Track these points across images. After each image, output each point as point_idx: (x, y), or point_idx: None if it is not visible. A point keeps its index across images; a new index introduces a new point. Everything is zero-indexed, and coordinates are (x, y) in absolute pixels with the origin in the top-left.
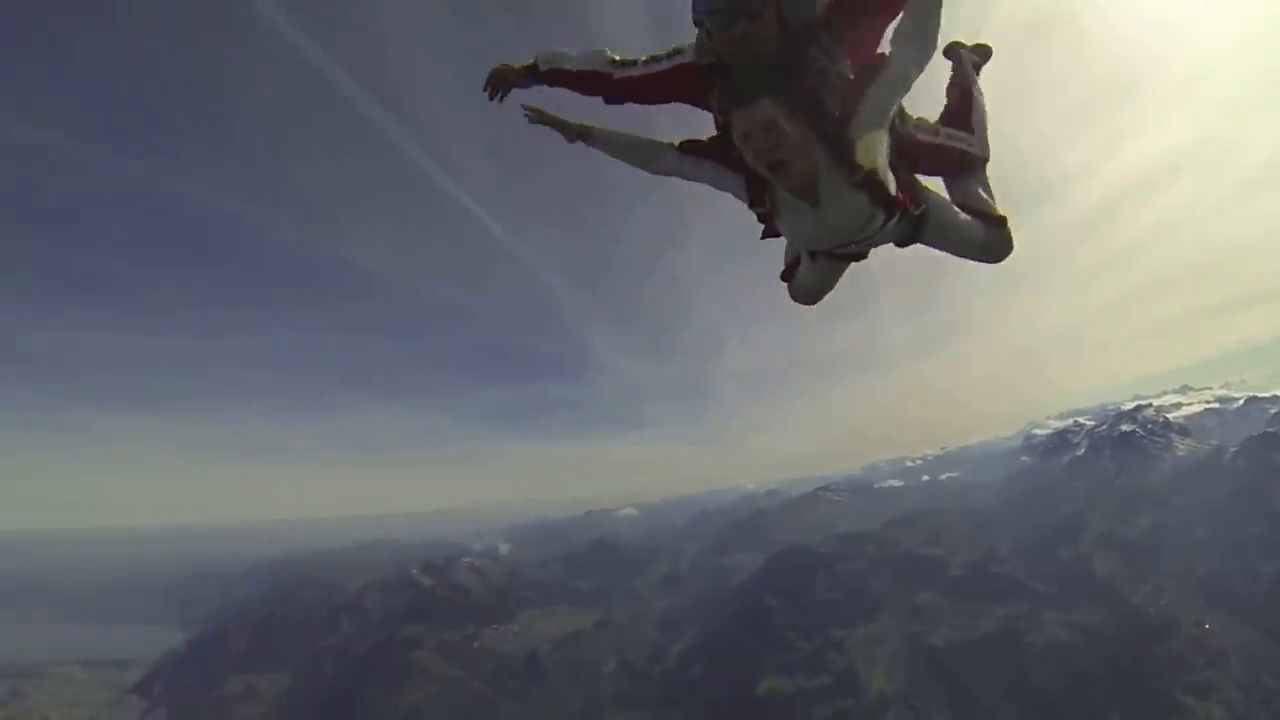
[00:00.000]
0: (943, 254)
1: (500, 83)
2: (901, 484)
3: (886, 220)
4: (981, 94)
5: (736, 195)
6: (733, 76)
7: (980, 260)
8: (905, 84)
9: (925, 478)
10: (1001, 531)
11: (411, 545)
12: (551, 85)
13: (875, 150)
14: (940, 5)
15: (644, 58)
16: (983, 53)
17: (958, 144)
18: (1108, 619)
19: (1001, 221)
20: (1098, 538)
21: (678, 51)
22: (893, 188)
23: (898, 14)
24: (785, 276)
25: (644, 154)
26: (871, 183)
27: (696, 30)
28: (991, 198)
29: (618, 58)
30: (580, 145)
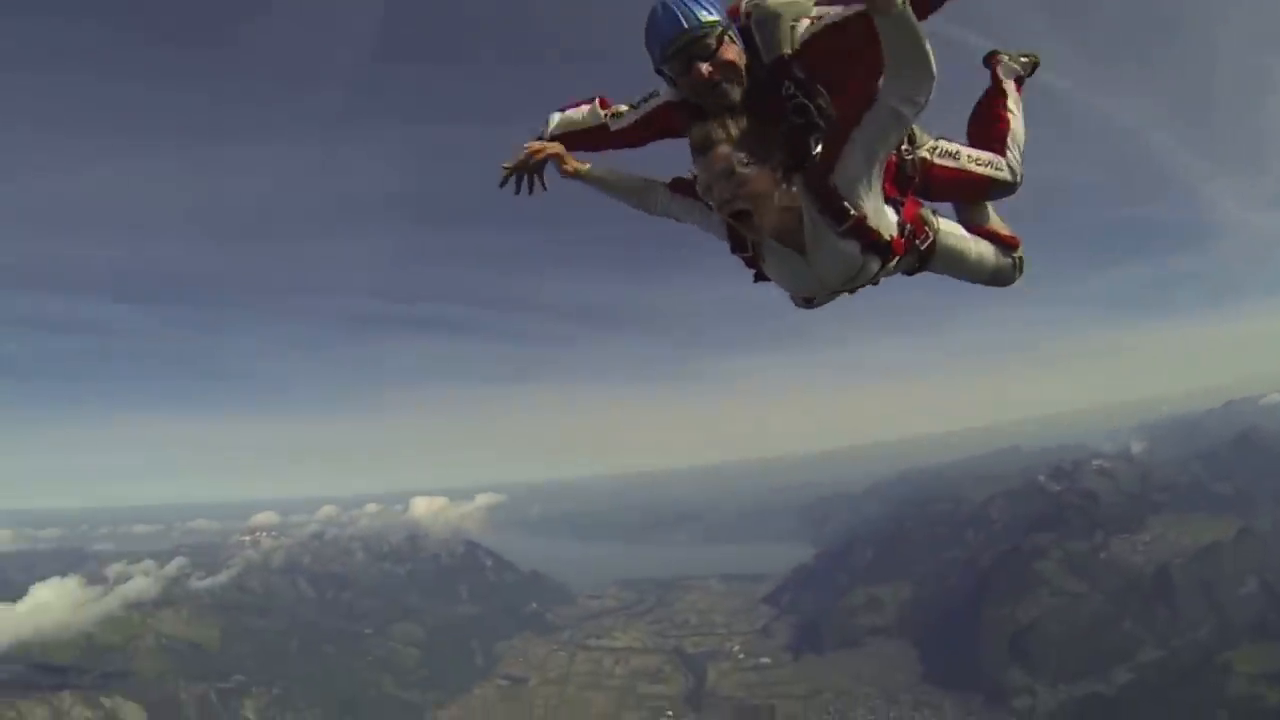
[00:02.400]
0: None
1: (531, 172)
2: None
3: (882, 266)
4: (1019, 109)
5: (720, 239)
6: (695, 122)
7: (990, 286)
8: (898, 122)
9: None
10: None
11: (1038, 451)
12: (576, 146)
13: (863, 196)
14: (914, 31)
15: (627, 107)
16: (1028, 63)
17: (983, 169)
18: None
19: (1014, 244)
20: None
21: (654, 94)
22: (890, 230)
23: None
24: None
25: (639, 192)
26: (861, 230)
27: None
28: (1000, 218)
29: (608, 111)
30: None
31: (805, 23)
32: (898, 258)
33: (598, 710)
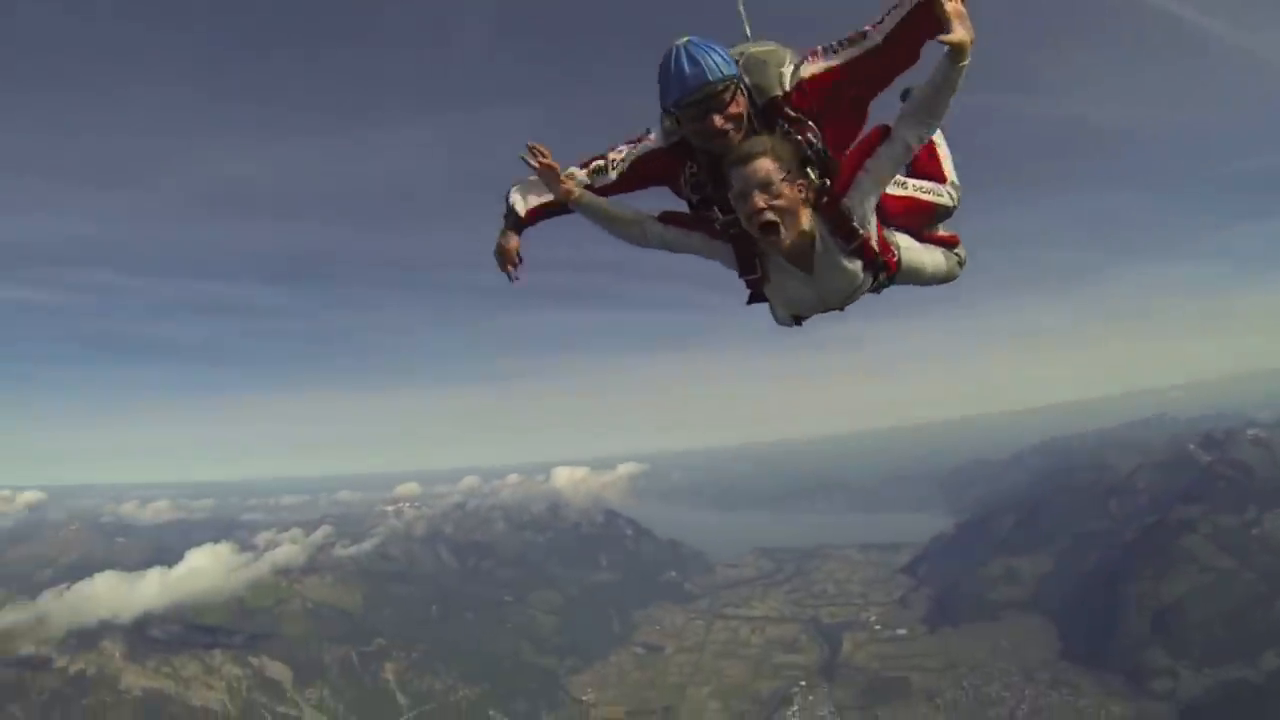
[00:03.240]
0: None
1: (512, 261)
2: None
3: (874, 282)
4: (941, 135)
5: (726, 263)
6: (738, 141)
7: (939, 284)
8: (907, 155)
9: None
10: None
11: (1188, 419)
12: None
13: (869, 218)
14: (959, 83)
15: (608, 163)
16: None
17: (929, 196)
18: None
19: (955, 242)
20: None
21: (636, 141)
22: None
23: (878, 90)
24: (752, 300)
25: (626, 224)
26: (865, 249)
27: (669, 120)
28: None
29: (585, 172)
30: None
31: (789, 67)
32: (887, 275)
33: (732, 679)
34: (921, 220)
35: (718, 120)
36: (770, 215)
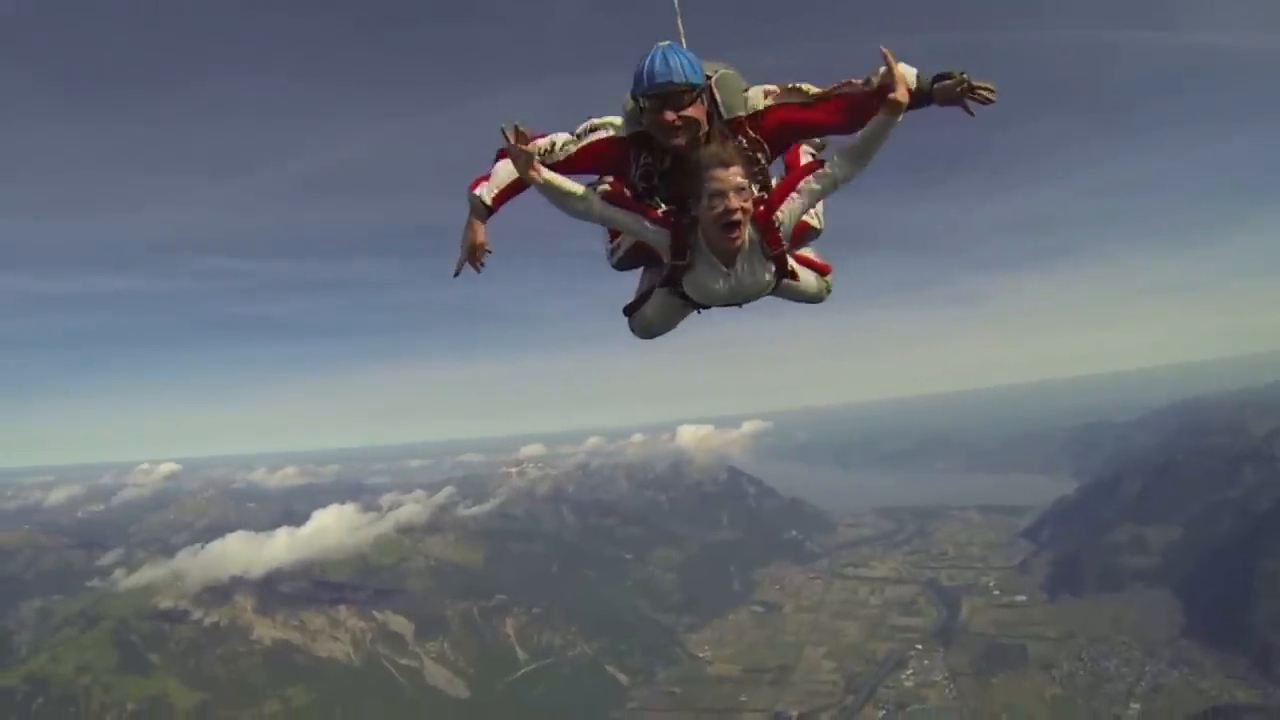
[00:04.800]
0: None
1: (481, 255)
2: None
3: (776, 287)
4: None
5: (657, 247)
6: (701, 146)
7: (807, 303)
8: (834, 188)
9: None
10: None
11: None
12: (513, 195)
13: (790, 233)
14: (888, 137)
15: (559, 144)
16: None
17: (810, 219)
18: None
19: (827, 270)
20: None
21: (596, 129)
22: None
23: (822, 131)
24: (629, 310)
25: (576, 199)
26: (781, 258)
27: (632, 104)
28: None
29: (538, 152)
30: None
31: (757, 93)
32: (783, 283)
33: (847, 640)
34: (800, 241)
35: (670, 116)
36: (740, 215)
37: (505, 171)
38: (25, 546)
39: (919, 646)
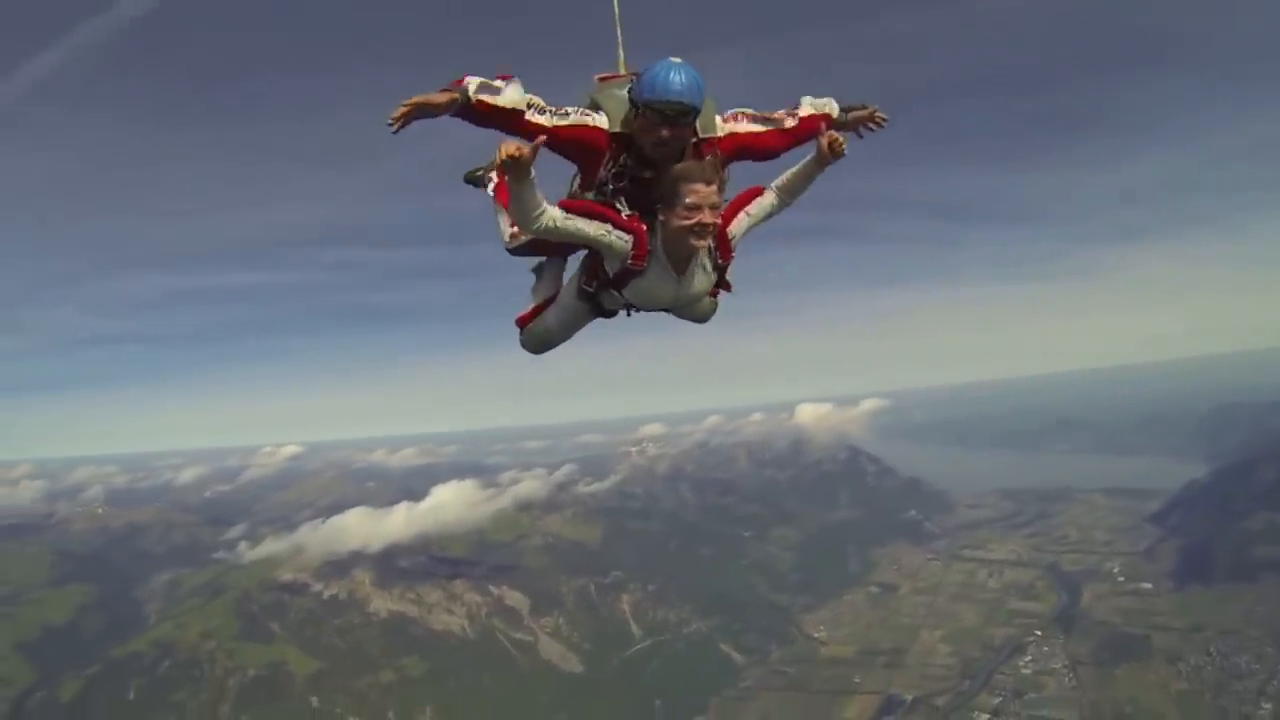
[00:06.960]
0: None
1: (416, 115)
2: None
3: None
4: None
5: (611, 253)
6: (687, 158)
7: (693, 321)
8: (771, 215)
9: None
10: None
11: None
12: (473, 117)
13: (734, 249)
14: (813, 182)
15: (554, 108)
16: None
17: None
18: None
19: (716, 292)
20: None
21: (587, 113)
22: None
23: (769, 155)
24: (522, 321)
25: (533, 207)
26: (723, 271)
27: (628, 106)
28: None
29: (531, 101)
30: None
31: (726, 120)
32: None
33: (964, 623)
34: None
35: (666, 132)
36: (713, 229)
37: (509, 98)
38: (156, 523)
39: (1038, 633)
